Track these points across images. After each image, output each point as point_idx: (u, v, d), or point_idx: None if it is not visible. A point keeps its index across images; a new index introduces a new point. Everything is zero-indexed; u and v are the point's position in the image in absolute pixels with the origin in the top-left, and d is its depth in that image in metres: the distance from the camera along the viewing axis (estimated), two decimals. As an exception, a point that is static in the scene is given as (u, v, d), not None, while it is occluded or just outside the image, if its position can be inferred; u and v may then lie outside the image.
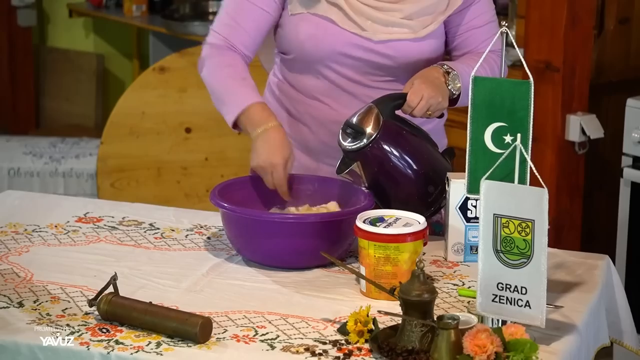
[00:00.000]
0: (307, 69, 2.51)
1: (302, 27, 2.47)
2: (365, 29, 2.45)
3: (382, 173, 2.34)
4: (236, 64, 2.47)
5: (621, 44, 3.75)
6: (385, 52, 2.46)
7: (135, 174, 4.30)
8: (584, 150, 3.59)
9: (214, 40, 2.51)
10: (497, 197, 1.90)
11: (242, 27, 2.49)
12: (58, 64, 5.71)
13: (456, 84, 2.42)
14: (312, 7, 2.46)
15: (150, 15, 5.28)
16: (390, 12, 2.45)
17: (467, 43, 2.52)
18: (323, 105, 2.52)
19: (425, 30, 2.46)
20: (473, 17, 2.51)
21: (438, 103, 2.38)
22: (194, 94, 4.24)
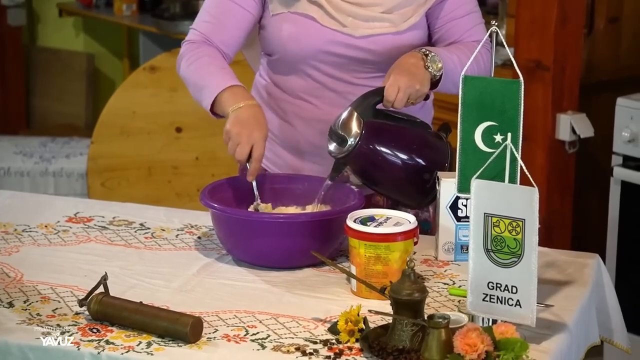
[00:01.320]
0: (291, 69, 2.51)
1: (283, 27, 2.47)
2: (346, 25, 2.44)
3: (376, 171, 2.35)
4: (214, 55, 2.45)
5: (611, 44, 3.76)
6: (368, 47, 2.46)
7: (126, 174, 4.30)
8: (574, 149, 3.60)
9: (194, 38, 2.50)
10: (488, 196, 1.90)
11: (222, 25, 2.48)
12: (48, 64, 5.70)
13: (437, 64, 2.39)
14: (292, 6, 2.46)
15: (141, 14, 5.27)
16: (370, 7, 2.45)
17: (450, 34, 2.51)
18: (308, 104, 2.52)
19: (406, 24, 2.46)
20: (454, 8, 2.50)
21: (416, 91, 2.36)
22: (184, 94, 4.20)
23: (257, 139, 2.30)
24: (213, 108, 2.38)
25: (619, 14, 3.75)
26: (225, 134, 2.32)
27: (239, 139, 2.30)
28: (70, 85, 5.66)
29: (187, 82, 2.46)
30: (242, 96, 2.36)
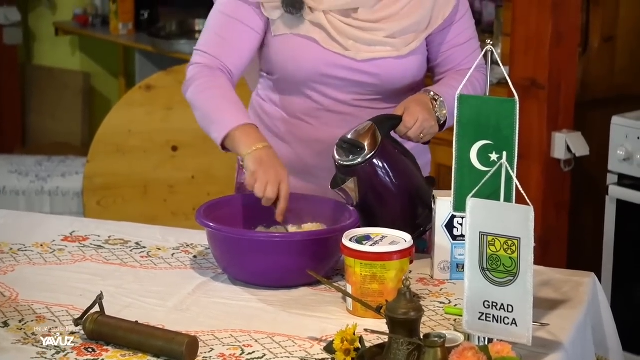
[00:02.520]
0: (291, 90, 2.52)
1: (285, 48, 2.47)
2: (349, 49, 2.46)
3: (373, 191, 2.35)
4: (225, 85, 2.44)
5: (606, 62, 3.77)
6: (369, 70, 2.47)
7: (121, 192, 4.30)
8: (569, 167, 3.60)
9: (202, 60, 2.48)
10: (483, 215, 1.90)
11: (231, 46, 2.48)
12: (44, 82, 5.70)
13: (442, 111, 2.44)
14: (295, 28, 2.47)
15: (137, 33, 5.28)
16: (373, 32, 2.46)
17: (449, 60, 2.54)
18: (306, 124, 2.53)
19: (407, 48, 2.48)
20: (455, 35, 2.53)
21: (431, 127, 2.41)
22: (180, 112, 4.23)
23: (283, 178, 2.31)
24: (223, 142, 2.38)
25: (614, 33, 3.76)
26: (251, 175, 2.30)
27: (267, 178, 2.29)
28: (66, 104, 5.67)
29: (196, 109, 2.44)
30: (257, 137, 2.35)
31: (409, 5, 2.47)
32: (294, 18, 2.45)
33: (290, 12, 2.44)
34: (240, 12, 2.48)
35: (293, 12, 2.44)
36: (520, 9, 3.51)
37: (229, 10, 2.49)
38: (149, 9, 5.30)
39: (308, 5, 2.45)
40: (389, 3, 2.47)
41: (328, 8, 2.45)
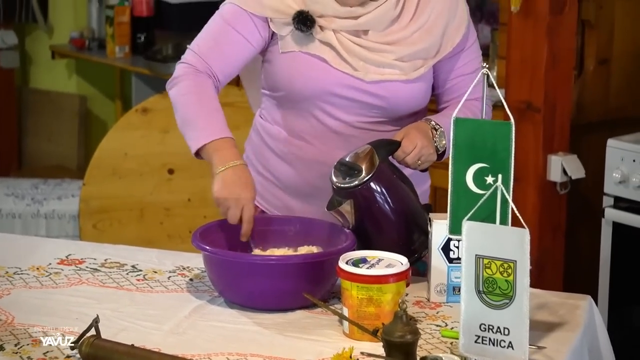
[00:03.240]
0: (296, 108, 2.52)
1: (293, 65, 2.47)
2: (357, 69, 2.46)
3: (369, 215, 2.35)
4: (208, 91, 2.45)
5: (601, 85, 3.78)
6: (376, 92, 2.48)
7: (117, 215, 4.30)
8: (565, 190, 3.61)
9: (191, 60, 2.49)
10: (479, 237, 1.90)
11: (221, 52, 2.49)
12: (40, 105, 5.71)
13: (442, 141, 2.45)
14: (304, 45, 2.47)
15: (133, 56, 5.29)
16: (382, 54, 2.47)
17: (455, 89, 2.54)
18: (309, 145, 2.53)
19: (415, 73, 2.48)
20: (462, 64, 2.53)
21: (429, 154, 2.42)
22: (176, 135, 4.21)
23: (245, 201, 2.32)
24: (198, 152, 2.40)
25: (609, 56, 3.77)
26: (214, 200, 2.34)
27: (227, 203, 2.32)
28: (62, 127, 5.67)
29: (176, 110, 2.46)
30: (228, 156, 2.36)
31: (419, 31, 2.48)
32: (303, 36, 2.46)
33: (300, 29, 2.45)
34: (240, 22, 2.48)
35: (303, 29, 2.45)
36: (516, 32, 3.52)
37: (229, 17, 2.50)
38: (145, 32, 5.31)
39: (318, 24, 2.45)
40: (399, 28, 2.48)
41: (338, 28, 2.46)
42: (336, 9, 2.45)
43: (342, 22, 2.45)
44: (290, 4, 2.46)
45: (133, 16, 5.27)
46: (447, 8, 2.49)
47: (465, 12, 2.53)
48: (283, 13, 2.45)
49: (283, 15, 2.45)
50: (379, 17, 2.45)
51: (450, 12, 2.50)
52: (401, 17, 2.48)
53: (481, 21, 4.22)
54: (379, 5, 2.46)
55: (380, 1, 2.46)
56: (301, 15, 2.44)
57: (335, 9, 2.45)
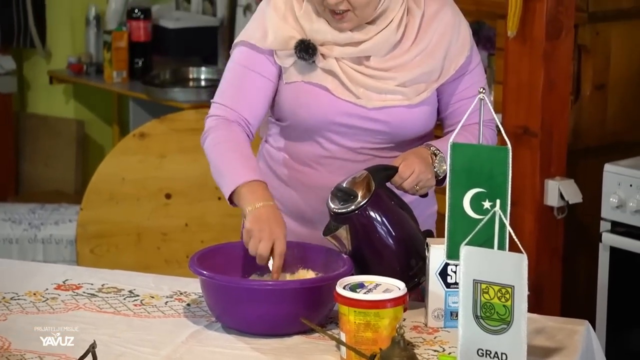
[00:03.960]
0: (301, 136, 2.53)
1: (297, 96, 2.48)
2: (360, 97, 2.47)
3: (366, 241, 2.35)
4: (238, 139, 2.46)
5: (597, 110, 3.79)
6: (380, 118, 2.48)
7: (115, 240, 4.29)
8: (562, 215, 3.61)
9: (219, 112, 2.50)
10: (477, 262, 1.90)
11: (247, 97, 2.50)
12: (38, 130, 5.71)
13: (442, 166, 2.44)
14: (307, 75, 2.48)
15: (131, 81, 5.30)
16: (384, 80, 2.47)
17: (458, 113, 2.54)
18: (313, 171, 2.53)
19: (418, 98, 2.49)
20: (465, 87, 2.53)
21: (427, 180, 2.41)
22: (174, 160, 4.24)
23: (278, 235, 2.32)
24: (231, 197, 2.40)
25: (605, 81, 3.78)
26: (246, 232, 2.33)
27: (260, 235, 2.31)
28: (59, 152, 5.67)
29: (210, 161, 2.47)
30: (260, 195, 2.36)
31: (421, 54, 2.48)
32: (306, 65, 2.47)
33: (303, 58, 2.46)
34: (254, 62, 2.49)
35: (306, 57, 2.45)
36: (512, 57, 3.53)
37: (243, 60, 2.51)
38: (143, 58, 5.32)
39: (320, 52, 2.46)
40: (401, 52, 2.48)
41: (340, 55, 2.46)
42: (335, 36, 2.46)
43: (344, 49, 2.46)
44: (292, 34, 2.47)
45: (131, 41, 5.29)
46: (449, 30, 2.50)
47: (468, 34, 2.54)
48: (286, 45, 2.46)
49: (286, 47, 2.46)
50: (381, 42, 2.46)
51: (453, 34, 2.50)
52: (403, 42, 2.48)
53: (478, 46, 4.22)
54: (379, 31, 2.47)
55: (381, 26, 2.47)
56: (303, 44, 2.45)
57: (334, 35, 2.46)
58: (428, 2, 2.51)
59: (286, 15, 2.48)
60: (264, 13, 2.51)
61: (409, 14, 2.49)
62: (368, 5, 2.42)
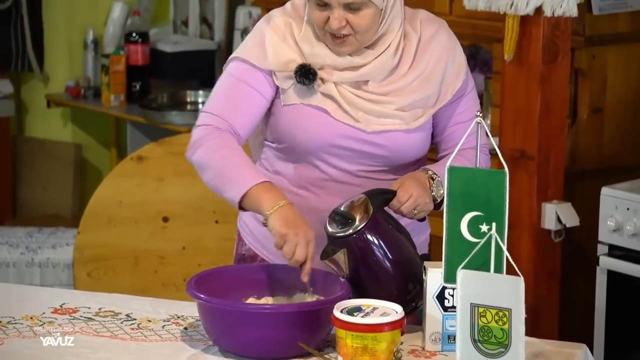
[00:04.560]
0: (298, 159, 2.53)
1: (296, 118, 2.48)
2: (359, 121, 2.47)
3: (364, 265, 2.35)
4: (236, 146, 2.45)
5: (594, 133, 3.79)
6: (378, 142, 2.49)
7: (112, 264, 4.28)
8: (560, 238, 3.61)
9: (210, 121, 2.47)
10: (474, 286, 1.90)
11: (239, 108, 2.48)
12: (35, 154, 5.71)
13: (439, 190, 2.45)
14: (306, 98, 2.48)
15: (129, 104, 5.31)
16: (383, 104, 2.48)
17: (454, 136, 2.55)
18: (310, 194, 2.53)
19: (416, 122, 2.49)
20: (461, 111, 2.54)
21: (425, 204, 2.42)
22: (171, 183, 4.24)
23: (311, 238, 2.31)
24: (241, 201, 2.38)
25: (602, 104, 3.79)
26: (280, 237, 2.30)
27: (296, 239, 2.30)
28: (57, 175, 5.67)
29: (208, 169, 2.43)
30: (278, 194, 2.35)
31: (418, 79, 2.49)
32: (305, 88, 2.47)
33: (302, 83, 2.46)
34: (250, 77, 2.49)
35: (306, 82, 2.46)
36: (509, 81, 3.54)
37: (239, 74, 2.50)
38: (141, 81, 5.33)
39: (320, 77, 2.46)
40: (399, 76, 2.49)
41: (339, 80, 2.47)
42: (335, 60, 2.46)
43: (343, 74, 2.47)
44: (292, 57, 2.47)
45: (128, 65, 5.30)
46: (445, 54, 2.51)
47: (463, 57, 2.55)
48: (285, 67, 2.47)
49: (285, 69, 2.47)
50: (379, 67, 2.47)
51: (449, 58, 2.51)
52: (400, 66, 2.49)
53: (475, 70, 4.25)
54: (377, 55, 2.47)
55: (379, 50, 2.48)
56: (303, 69, 2.45)
57: (333, 59, 2.46)
58: (424, 25, 2.52)
59: (286, 36, 2.49)
60: (262, 33, 2.51)
61: (406, 38, 2.50)
62: (369, 29, 2.43)
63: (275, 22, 2.51)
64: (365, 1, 2.39)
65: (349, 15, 2.41)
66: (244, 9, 5.20)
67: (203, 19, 5.46)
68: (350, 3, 2.39)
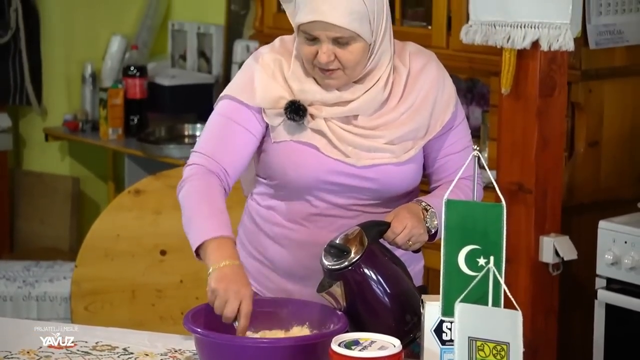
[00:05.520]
0: (289, 195, 2.53)
1: (286, 154, 2.49)
2: (349, 156, 2.48)
3: (361, 297, 2.35)
4: (214, 192, 2.44)
5: (591, 167, 3.80)
6: (369, 176, 2.49)
7: (109, 297, 4.27)
8: (557, 271, 3.61)
9: (198, 161, 2.48)
10: (472, 319, 1.90)
11: (228, 147, 2.49)
12: (33, 187, 5.72)
13: (433, 221, 2.45)
14: (296, 134, 2.48)
15: (126, 138, 5.32)
16: (372, 138, 2.48)
17: (445, 168, 2.56)
18: (303, 228, 2.53)
19: (406, 155, 2.50)
20: (451, 143, 2.55)
21: (420, 235, 2.42)
22: (169, 216, 4.23)
23: (244, 295, 2.29)
24: (198, 251, 2.38)
25: (599, 138, 3.80)
26: (211, 292, 2.30)
27: (226, 295, 2.29)
28: (55, 209, 5.67)
29: (182, 210, 2.45)
30: (227, 253, 2.34)
31: (407, 112, 2.50)
32: (295, 125, 2.47)
33: (292, 119, 2.46)
34: (239, 115, 2.49)
35: (296, 119, 2.46)
36: (506, 115, 3.55)
37: (228, 112, 2.51)
38: (139, 115, 5.35)
39: (309, 113, 2.47)
40: (387, 110, 2.50)
41: (328, 116, 2.47)
42: (324, 95, 2.47)
43: (332, 109, 2.48)
44: (281, 94, 2.48)
45: (126, 98, 5.32)
46: (434, 86, 2.52)
47: (452, 90, 2.56)
48: (275, 104, 2.47)
49: (275, 106, 2.47)
50: (368, 101, 2.48)
51: (438, 91, 2.52)
52: (389, 100, 2.50)
53: (472, 103, 4.26)
54: (367, 90, 2.48)
55: (368, 85, 2.48)
56: (293, 105, 2.46)
57: (323, 95, 2.47)
58: (413, 58, 2.53)
59: (275, 74, 2.49)
60: (251, 70, 2.52)
61: (395, 71, 2.51)
62: (358, 64, 2.44)
63: (264, 59, 2.52)
64: (353, 35, 2.40)
65: (338, 50, 2.41)
66: (241, 42, 5.22)
67: (201, 52, 5.49)
68: (338, 37, 2.40)
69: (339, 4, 2.37)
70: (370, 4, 2.40)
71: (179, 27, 5.57)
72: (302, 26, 2.42)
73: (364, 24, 2.40)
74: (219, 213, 2.40)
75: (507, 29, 3.41)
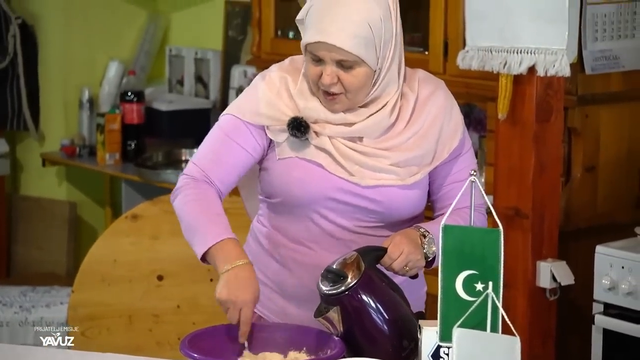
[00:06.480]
0: (293, 213, 2.53)
1: (290, 171, 2.50)
2: (353, 174, 2.48)
3: (358, 322, 2.34)
4: (211, 198, 2.48)
5: (588, 192, 3.80)
6: (373, 197, 2.49)
7: (106, 322, 4.26)
8: (555, 296, 3.60)
9: (192, 172, 2.52)
10: (470, 345, 1.90)
11: (220, 162, 2.51)
12: (30, 212, 5.71)
13: (431, 247, 2.45)
14: (300, 151, 2.49)
15: (124, 163, 5.32)
16: (378, 159, 2.49)
17: (449, 195, 2.55)
18: (307, 249, 2.53)
19: (411, 179, 2.50)
20: (457, 170, 2.55)
21: (417, 260, 2.41)
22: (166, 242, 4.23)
23: (244, 302, 2.34)
24: (204, 256, 2.40)
25: (595, 163, 3.81)
26: (216, 301, 2.36)
27: (227, 304, 2.35)
28: (51, 234, 5.67)
29: (181, 219, 2.49)
30: (233, 255, 2.38)
31: (413, 137, 2.50)
32: (299, 142, 2.48)
33: (295, 135, 2.47)
34: (237, 133, 2.51)
35: (298, 135, 2.47)
36: (503, 140, 3.56)
37: (227, 129, 2.53)
38: (136, 140, 5.36)
39: (313, 130, 2.48)
40: (394, 134, 2.50)
41: (333, 134, 2.48)
42: (328, 115, 2.48)
43: (336, 128, 2.48)
44: (285, 111, 2.49)
45: (124, 123, 5.33)
46: (441, 113, 2.52)
47: (460, 118, 2.56)
48: (278, 120, 2.48)
49: (279, 123, 2.48)
50: (373, 125, 2.48)
51: (445, 117, 2.52)
52: (396, 124, 2.50)
53: (469, 128, 4.27)
54: (372, 113, 2.49)
55: (373, 109, 2.49)
56: (295, 122, 2.47)
57: (327, 114, 2.48)
58: (422, 84, 2.53)
59: (280, 91, 2.51)
60: (257, 88, 2.54)
61: (403, 97, 2.51)
62: (361, 90, 2.45)
63: (271, 77, 2.53)
64: (357, 60, 2.41)
65: (341, 73, 2.42)
66: (238, 68, 5.23)
67: (198, 77, 5.50)
68: (342, 60, 2.41)
69: (345, 27, 2.38)
70: (377, 30, 2.41)
71: (177, 52, 5.58)
72: (309, 46, 2.43)
73: (370, 50, 2.41)
74: (218, 217, 2.44)
75: (504, 55, 3.42)
